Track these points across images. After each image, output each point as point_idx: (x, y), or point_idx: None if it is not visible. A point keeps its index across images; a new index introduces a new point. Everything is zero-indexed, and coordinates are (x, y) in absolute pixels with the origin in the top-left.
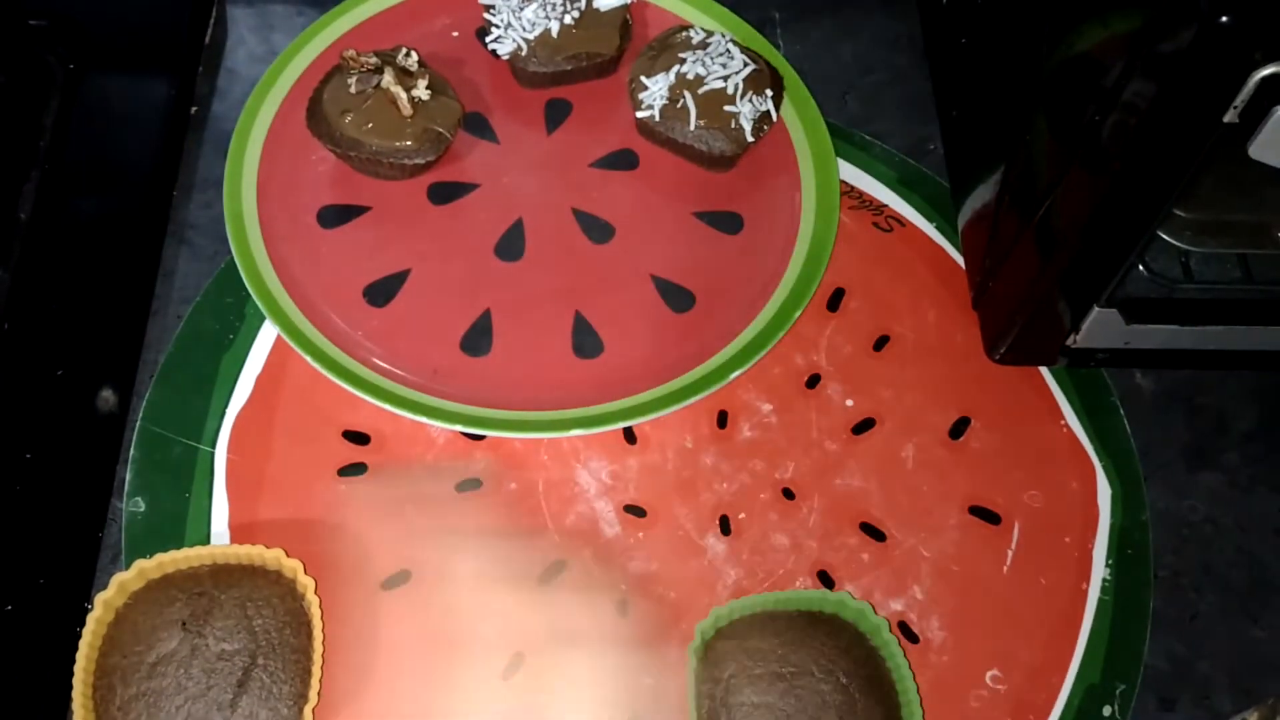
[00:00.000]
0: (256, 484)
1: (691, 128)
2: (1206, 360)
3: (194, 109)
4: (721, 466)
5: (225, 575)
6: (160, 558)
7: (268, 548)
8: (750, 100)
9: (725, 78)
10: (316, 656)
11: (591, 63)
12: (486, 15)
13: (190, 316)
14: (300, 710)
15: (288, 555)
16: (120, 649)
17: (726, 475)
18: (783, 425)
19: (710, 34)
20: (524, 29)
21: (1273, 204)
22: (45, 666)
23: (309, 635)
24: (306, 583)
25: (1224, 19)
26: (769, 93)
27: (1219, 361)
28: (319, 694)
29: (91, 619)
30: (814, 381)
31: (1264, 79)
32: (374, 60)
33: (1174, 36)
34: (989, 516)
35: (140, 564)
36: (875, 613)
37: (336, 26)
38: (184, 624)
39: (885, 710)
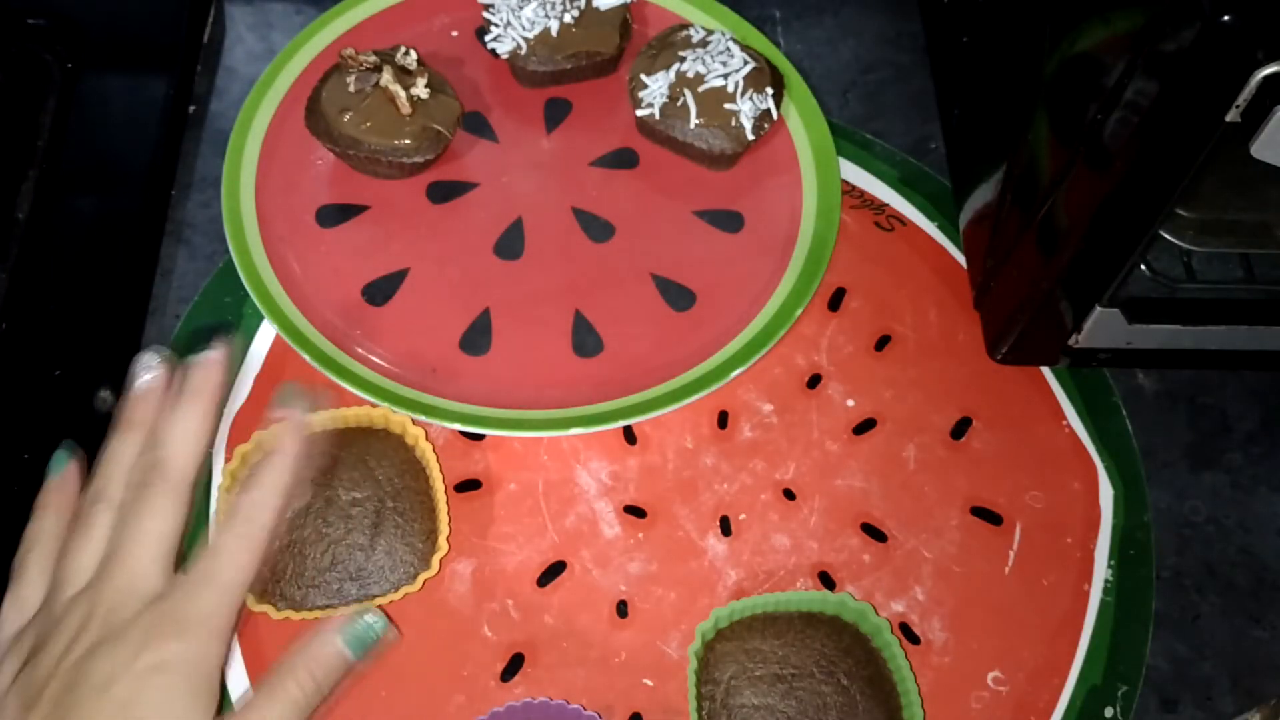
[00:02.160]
0: None
1: (692, 126)
2: (1209, 360)
3: (192, 108)
4: (722, 467)
5: (340, 436)
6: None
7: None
8: (751, 98)
9: (725, 76)
10: (439, 496)
11: (591, 61)
12: (486, 14)
13: (188, 316)
14: (435, 542)
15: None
16: None
17: (727, 476)
18: (783, 425)
19: (710, 32)
20: (523, 28)
21: (1275, 203)
22: None
23: (427, 479)
24: (416, 433)
25: (1226, 18)
26: (769, 91)
27: (1221, 361)
28: (449, 526)
29: (220, 489)
30: (815, 381)
31: (1266, 78)
32: (373, 59)
33: (1176, 35)
34: (990, 517)
35: (258, 435)
36: (876, 614)
37: (335, 25)
38: (313, 480)
39: (887, 712)
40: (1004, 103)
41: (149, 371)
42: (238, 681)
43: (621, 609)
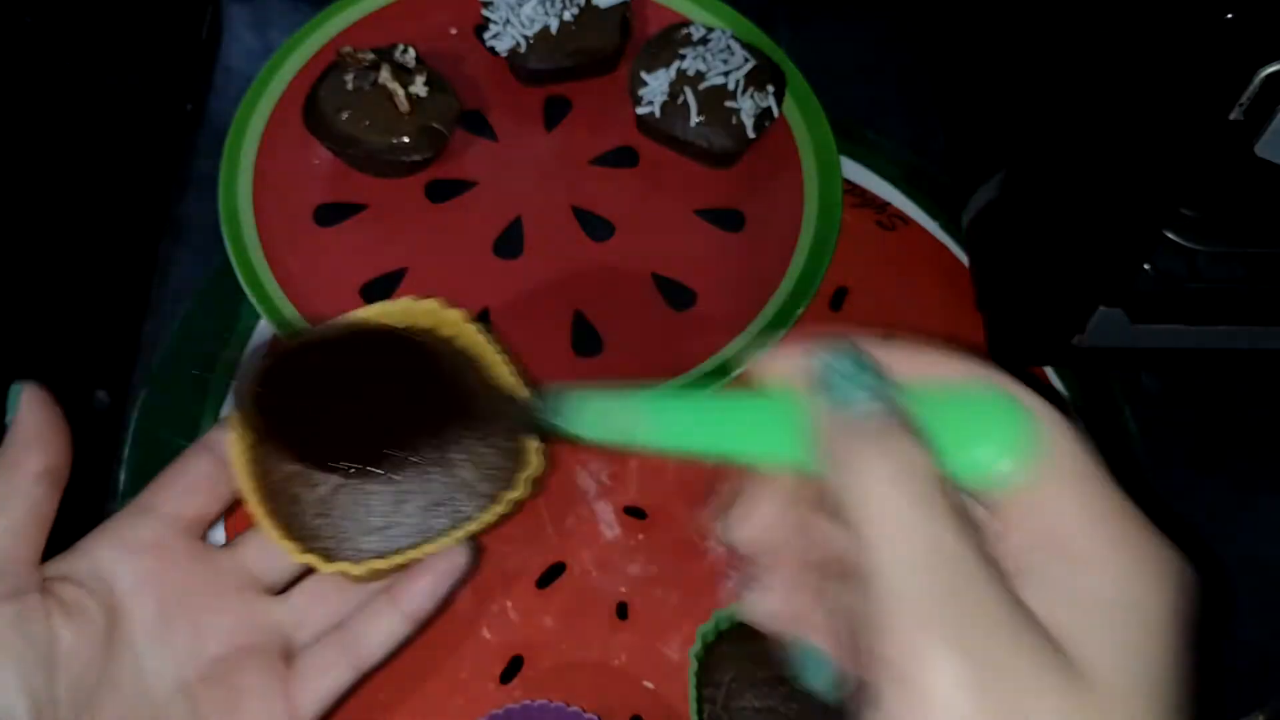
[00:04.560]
0: None
1: (692, 124)
2: (1213, 360)
3: (189, 106)
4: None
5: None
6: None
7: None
8: (751, 97)
9: (726, 74)
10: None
11: (591, 59)
12: (485, 12)
13: (186, 316)
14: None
15: None
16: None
17: (727, 477)
18: None
19: (711, 30)
20: (523, 25)
21: (1278, 202)
22: None
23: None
24: (469, 332)
25: (1229, 16)
26: (770, 89)
27: (1225, 362)
28: None
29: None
30: None
31: (1269, 76)
32: (371, 57)
33: (1179, 33)
34: None
35: None
36: None
37: (333, 23)
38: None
39: None
40: (1006, 101)
41: None
42: None
43: (621, 611)
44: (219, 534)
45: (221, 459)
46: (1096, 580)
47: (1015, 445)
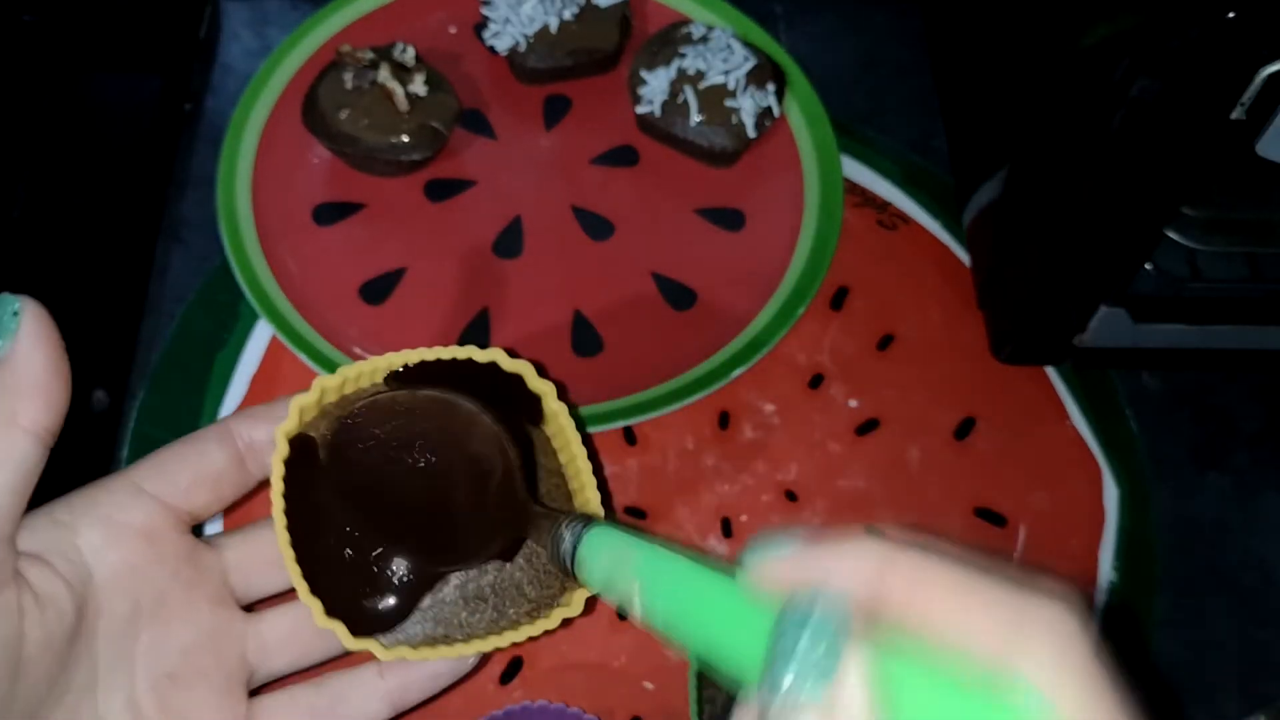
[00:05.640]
0: None
1: (692, 123)
2: (1214, 360)
3: (187, 105)
4: (723, 468)
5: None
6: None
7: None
8: (752, 95)
9: (726, 73)
10: (582, 471)
11: (591, 58)
12: (484, 10)
13: (184, 316)
14: None
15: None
16: None
17: (728, 476)
18: (785, 426)
19: (711, 28)
20: (522, 24)
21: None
22: None
23: (560, 445)
24: (541, 386)
25: (1231, 15)
26: (771, 88)
27: (1227, 361)
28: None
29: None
30: (817, 381)
31: (1271, 76)
32: (370, 55)
33: (1181, 33)
34: (994, 518)
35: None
36: None
37: (332, 22)
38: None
39: None
40: (1007, 99)
41: None
42: None
43: (621, 611)
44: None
45: (238, 452)
46: None
47: None
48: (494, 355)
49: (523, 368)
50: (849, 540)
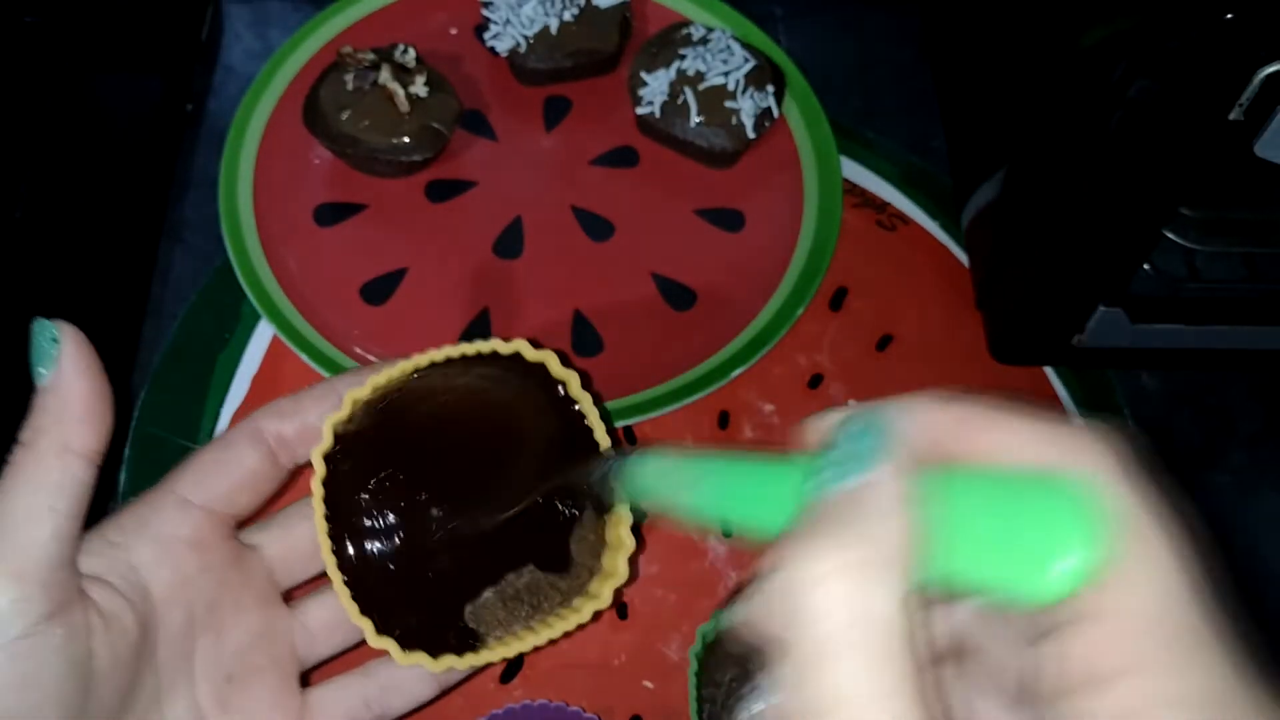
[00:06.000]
0: None
1: (692, 124)
2: (1212, 360)
3: (189, 106)
4: None
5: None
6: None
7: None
8: (751, 96)
9: (726, 74)
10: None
11: (591, 59)
12: (485, 11)
13: (186, 316)
14: (602, 535)
15: None
16: None
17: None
18: (785, 425)
19: (711, 30)
20: (523, 25)
21: (1278, 202)
22: None
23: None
24: (565, 374)
25: (1229, 16)
26: (770, 89)
27: (1225, 361)
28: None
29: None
30: (816, 381)
31: (1269, 76)
32: (371, 57)
33: (1179, 34)
34: None
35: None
36: None
37: (334, 23)
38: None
39: None
40: (1006, 100)
41: None
42: None
43: (621, 610)
44: None
45: (270, 450)
46: None
47: (1072, 565)
48: (517, 346)
49: (546, 356)
50: (900, 399)
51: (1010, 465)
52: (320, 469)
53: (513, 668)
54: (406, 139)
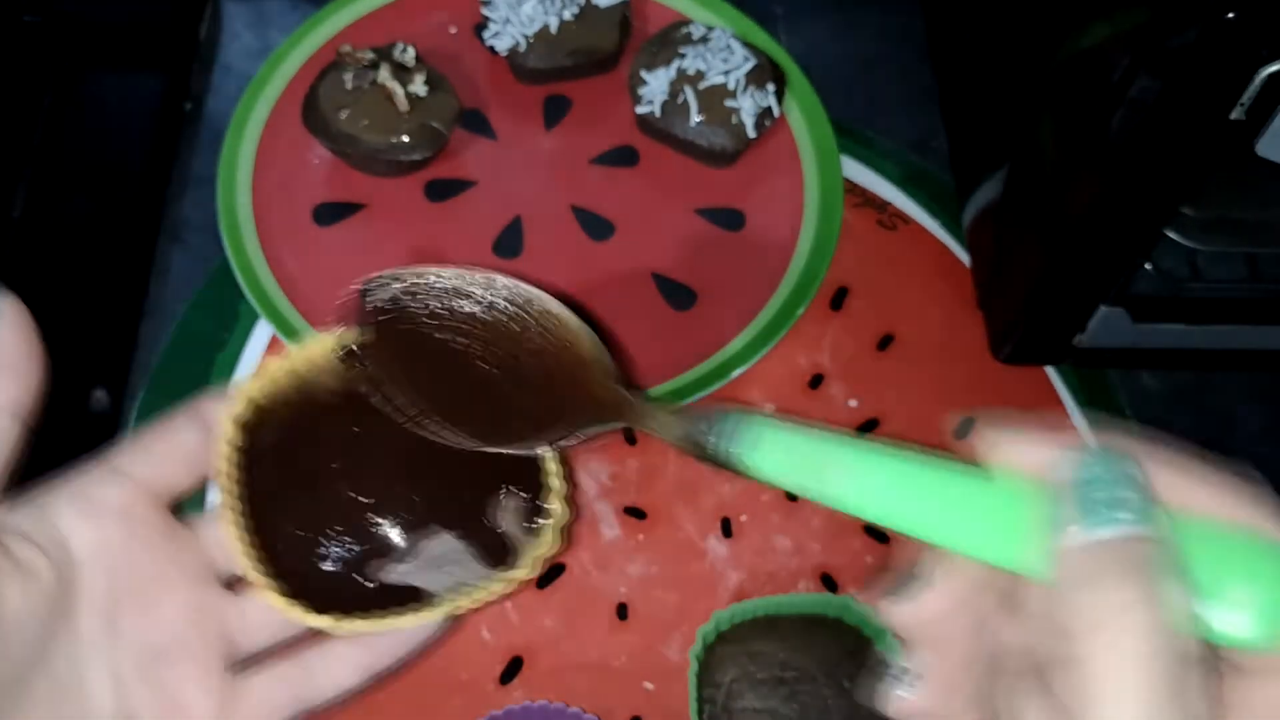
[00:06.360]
0: None
1: (692, 123)
2: (1214, 360)
3: (188, 105)
4: None
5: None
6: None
7: None
8: (752, 95)
9: (726, 73)
10: None
11: (591, 58)
12: (484, 10)
13: (184, 316)
14: (543, 497)
15: None
16: None
17: (728, 476)
18: None
19: (711, 29)
20: (522, 24)
21: (1279, 202)
22: None
23: None
24: None
25: (1230, 15)
26: (771, 88)
27: (1226, 361)
28: (565, 480)
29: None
30: (817, 381)
31: (1270, 76)
32: (370, 56)
33: (1181, 33)
34: None
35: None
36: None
37: (332, 22)
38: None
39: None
40: (1007, 100)
41: None
42: None
43: (622, 611)
44: None
45: (209, 432)
46: None
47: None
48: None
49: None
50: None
51: (1209, 518)
52: (230, 432)
53: (512, 669)
54: (405, 138)
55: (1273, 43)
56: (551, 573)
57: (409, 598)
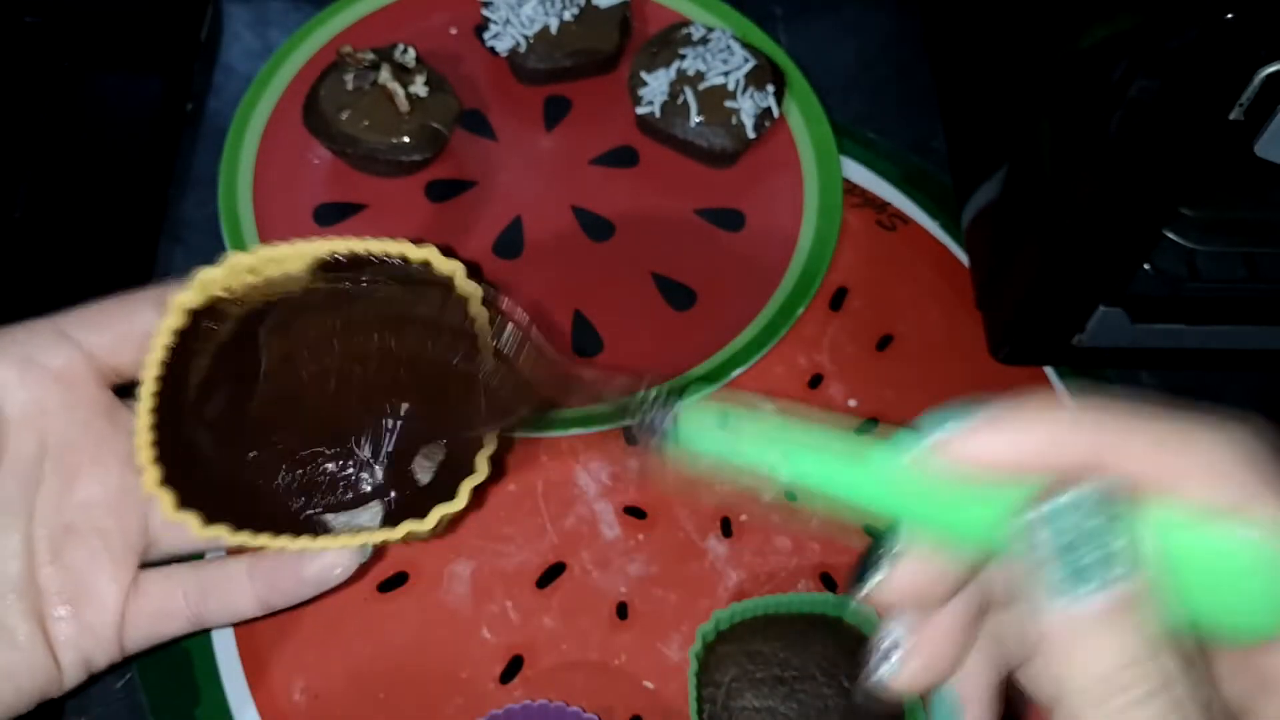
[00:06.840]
0: None
1: (692, 124)
2: (1213, 360)
3: (189, 106)
4: None
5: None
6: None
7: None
8: (751, 96)
9: (726, 73)
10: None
11: (591, 59)
12: (485, 11)
13: None
14: (466, 455)
15: None
16: None
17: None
18: None
19: (711, 29)
20: (523, 25)
21: (1278, 202)
22: None
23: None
24: (467, 287)
25: (1229, 16)
26: (770, 89)
27: (1226, 361)
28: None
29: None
30: (816, 381)
31: (1269, 76)
32: (371, 56)
33: (1179, 33)
34: None
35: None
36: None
37: (333, 23)
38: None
39: (890, 715)
40: (1006, 100)
41: None
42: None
43: (621, 611)
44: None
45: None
46: None
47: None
48: (427, 253)
49: (454, 267)
50: (1027, 412)
51: (1204, 510)
52: (165, 339)
53: (512, 668)
54: (406, 139)
55: (1272, 43)
56: (551, 572)
57: (307, 529)
